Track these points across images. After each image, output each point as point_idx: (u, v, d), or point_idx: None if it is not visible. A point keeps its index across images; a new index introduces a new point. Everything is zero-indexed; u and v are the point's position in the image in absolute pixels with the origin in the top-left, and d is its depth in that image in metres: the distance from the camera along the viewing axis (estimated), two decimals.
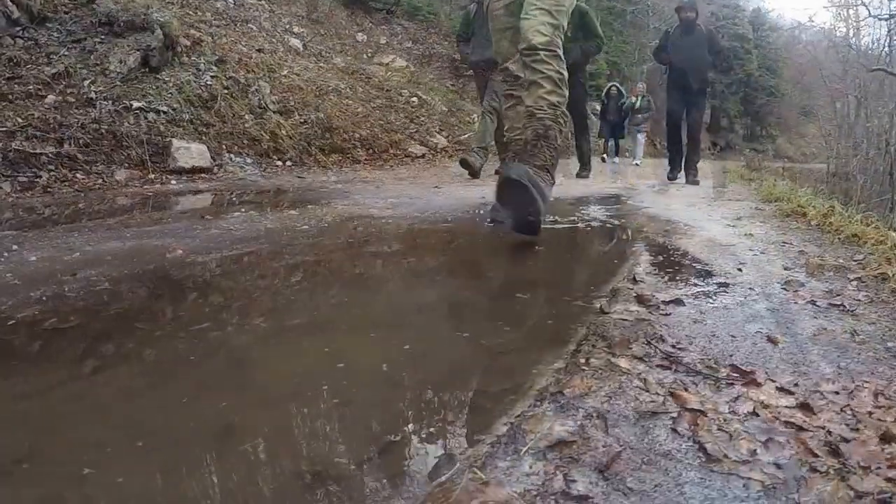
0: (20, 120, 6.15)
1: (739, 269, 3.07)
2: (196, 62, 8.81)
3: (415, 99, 14.55)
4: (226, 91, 8.67)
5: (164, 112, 7.62)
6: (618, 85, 22.30)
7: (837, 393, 1.61)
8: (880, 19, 26.80)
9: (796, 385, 1.65)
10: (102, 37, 7.68)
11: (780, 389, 1.62)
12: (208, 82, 8.58)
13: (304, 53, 12.86)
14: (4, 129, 5.96)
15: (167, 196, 5.85)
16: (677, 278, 2.87)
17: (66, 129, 6.33)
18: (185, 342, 1.89)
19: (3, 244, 3.18)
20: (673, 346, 1.90)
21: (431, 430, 1.39)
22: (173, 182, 6.75)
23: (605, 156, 21.22)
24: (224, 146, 8.19)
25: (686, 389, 1.58)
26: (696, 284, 2.76)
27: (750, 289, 2.69)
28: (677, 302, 2.42)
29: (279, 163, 8.80)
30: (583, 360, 1.75)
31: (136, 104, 7.30)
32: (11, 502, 1.10)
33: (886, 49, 27.57)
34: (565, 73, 4.04)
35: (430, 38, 19.87)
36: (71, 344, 1.91)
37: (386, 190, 6.79)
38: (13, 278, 2.58)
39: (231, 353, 1.82)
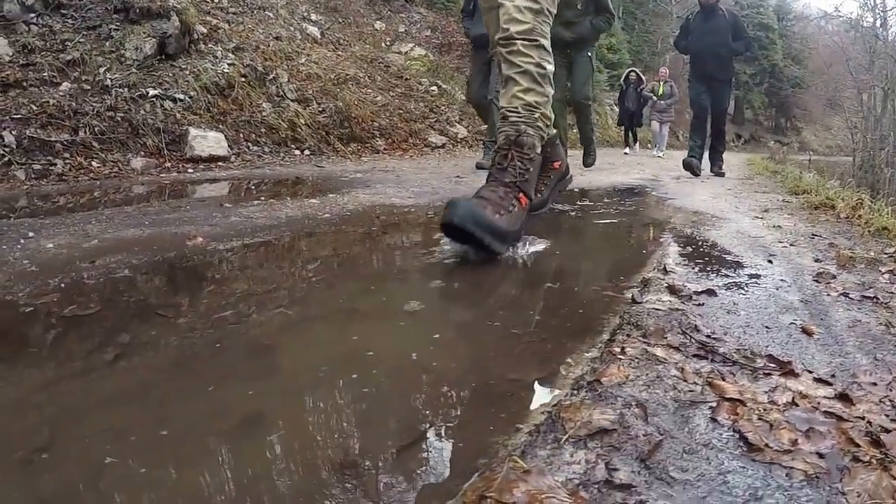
0: (35, 107, 6.18)
1: (769, 261, 3.05)
2: (213, 49, 8.85)
3: (434, 88, 14.58)
4: (243, 79, 8.70)
5: (181, 100, 7.66)
6: (637, 70, 21.86)
7: (875, 384, 1.60)
8: None
9: (833, 376, 1.64)
10: (118, 23, 7.70)
11: (818, 380, 1.60)
12: (225, 70, 8.61)
13: (321, 41, 12.89)
14: (19, 116, 5.99)
15: (184, 184, 5.89)
16: (707, 269, 2.86)
17: (81, 116, 6.37)
18: (209, 330, 1.87)
19: (19, 231, 3.20)
20: (708, 336, 1.89)
21: (466, 418, 1.39)
22: (190, 170, 6.79)
23: (627, 149, 20.85)
24: (241, 135, 8.23)
25: (723, 379, 1.57)
26: (726, 275, 2.74)
27: (781, 280, 2.68)
28: (709, 292, 2.40)
29: (297, 152, 8.84)
30: (618, 349, 1.73)
31: (152, 92, 7.34)
32: (31, 491, 1.08)
33: None
34: (549, 67, 3.45)
35: (449, 26, 19.84)
36: (91, 331, 1.89)
37: (407, 180, 6.79)
38: (30, 265, 2.59)
39: (256, 340, 1.81)
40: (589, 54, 9.09)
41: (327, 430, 1.33)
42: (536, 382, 1.53)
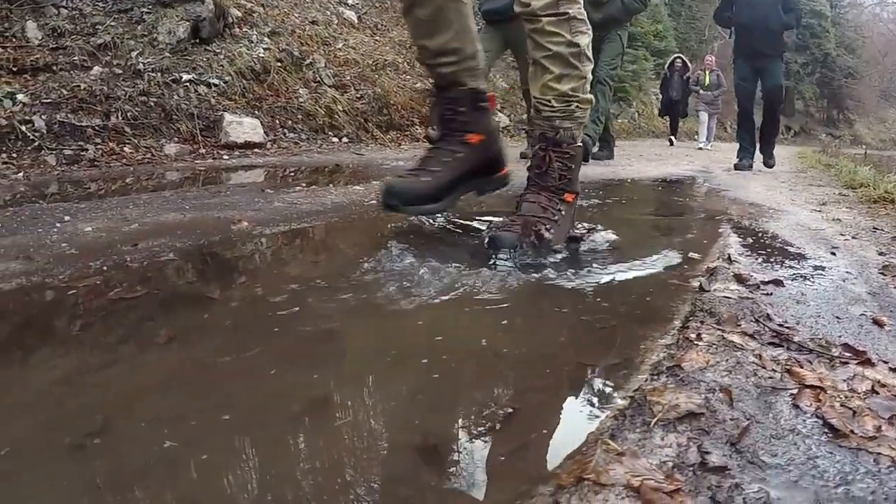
0: (65, 91, 6.22)
1: (833, 253, 3.06)
2: (248, 34, 8.88)
3: None
4: (279, 64, 8.73)
5: (216, 85, 7.69)
6: (683, 56, 21.33)
7: None
8: None
9: None
10: (150, 6, 7.74)
11: (894, 370, 1.61)
12: (261, 54, 8.64)
13: (358, 26, 12.87)
14: (49, 100, 6.04)
15: (221, 171, 5.91)
16: (771, 260, 2.86)
17: (113, 101, 6.41)
18: (265, 313, 1.88)
19: (54, 215, 3.23)
20: (780, 325, 1.90)
21: (547, 402, 1.40)
22: (225, 157, 6.82)
23: (672, 138, 20.55)
24: (277, 121, 8.25)
25: (801, 366, 1.58)
26: (791, 266, 2.75)
27: (847, 272, 2.68)
28: (776, 282, 2.41)
29: (335, 139, 8.86)
30: (693, 336, 1.75)
31: (185, 76, 7.38)
32: (83, 477, 1.07)
33: None
34: (583, 40, 2.94)
35: None
36: (139, 314, 1.89)
37: None
38: (69, 248, 2.60)
39: (317, 325, 1.81)
40: (619, 33, 8.90)
41: (400, 414, 1.34)
42: None
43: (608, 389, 1.44)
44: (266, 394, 1.39)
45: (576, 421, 1.30)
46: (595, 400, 1.39)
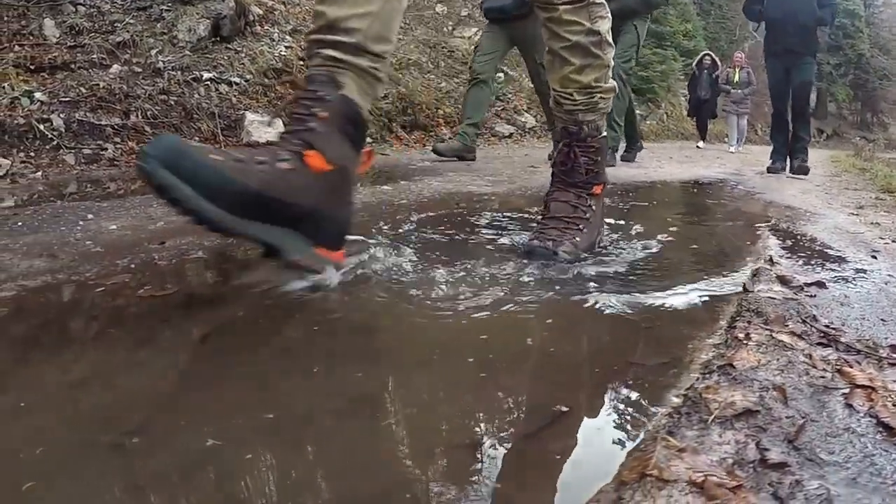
0: (84, 90, 6.24)
1: (874, 257, 3.06)
2: (269, 32, 8.91)
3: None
4: (301, 63, 8.73)
5: (237, 83, 7.70)
6: (712, 54, 20.92)
7: None
8: None
9: None
10: (169, 4, 7.76)
11: None
12: (283, 53, 8.66)
13: None
14: (67, 99, 6.06)
15: None
16: (812, 262, 2.88)
17: (132, 100, 6.42)
18: (305, 311, 1.90)
19: (76, 213, 3.25)
20: (827, 326, 1.91)
21: (599, 401, 1.41)
22: None
23: (700, 143, 20.23)
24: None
25: (851, 367, 1.59)
26: (832, 269, 2.76)
27: (889, 275, 2.69)
28: (819, 284, 2.42)
29: None
30: (742, 335, 1.77)
31: (206, 75, 7.39)
32: (123, 476, 1.06)
33: None
34: (604, 25, 2.79)
35: None
36: (172, 311, 1.89)
37: (478, 169, 6.84)
38: (94, 245, 2.62)
39: (357, 322, 1.84)
40: (636, 24, 8.55)
41: (448, 412, 1.34)
42: None
43: (660, 387, 1.45)
44: (309, 391, 1.40)
45: (630, 418, 1.31)
46: (648, 398, 1.40)
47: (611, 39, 2.83)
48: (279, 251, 2.02)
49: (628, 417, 1.32)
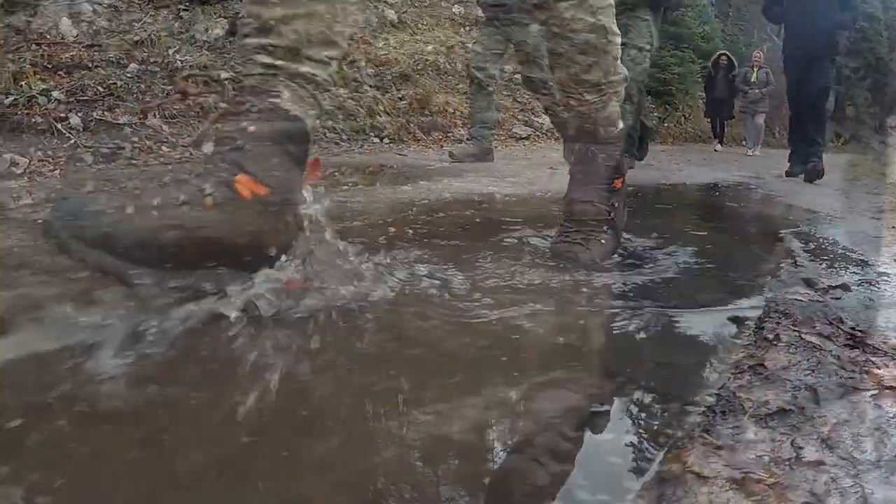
0: (101, 89, 6.28)
1: None
2: None
3: (518, 76, 14.52)
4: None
5: None
6: (728, 53, 20.59)
7: None
8: None
9: None
10: (187, 3, 7.79)
11: None
12: None
13: (399, 25, 12.93)
14: (85, 97, 6.09)
15: None
16: (835, 266, 2.88)
17: (150, 99, 6.43)
18: (335, 314, 1.87)
19: None
20: (853, 328, 1.92)
21: (632, 398, 1.43)
22: None
23: (717, 146, 19.97)
24: (318, 121, 8.22)
25: (879, 368, 1.61)
26: (855, 272, 2.76)
27: None
28: (843, 287, 2.43)
29: (376, 140, 8.88)
30: (771, 336, 1.78)
31: (224, 74, 7.39)
32: (158, 471, 1.06)
33: None
34: (606, 20, 2.57)
35: None
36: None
37: (497, 170, 6.83)
38: None
39: (384, 320, 1.85)
40: (647, 18, 7.56)
41: (482, 413, 1.33)
42: None
43: (693, 386, 1.48)
44: (340, 390, 1.41)
45: (665, 416, 1.33)
46: (681, 396, 1.41)
47: (615, 27, 2.61)
48: (224, 294, 1.81)
49: (663, 415, 1.34)
